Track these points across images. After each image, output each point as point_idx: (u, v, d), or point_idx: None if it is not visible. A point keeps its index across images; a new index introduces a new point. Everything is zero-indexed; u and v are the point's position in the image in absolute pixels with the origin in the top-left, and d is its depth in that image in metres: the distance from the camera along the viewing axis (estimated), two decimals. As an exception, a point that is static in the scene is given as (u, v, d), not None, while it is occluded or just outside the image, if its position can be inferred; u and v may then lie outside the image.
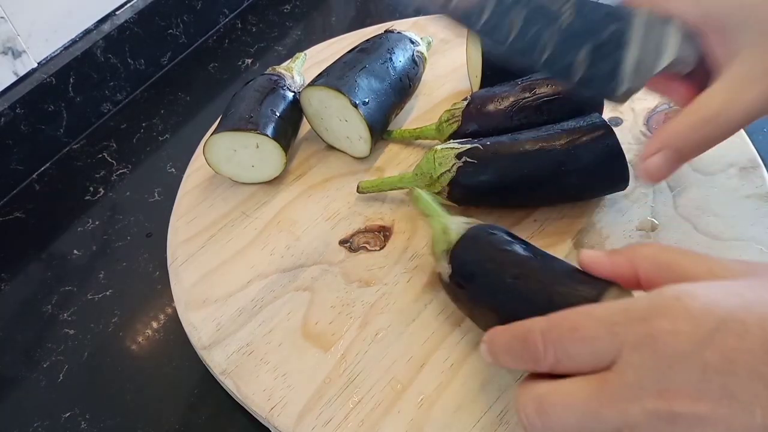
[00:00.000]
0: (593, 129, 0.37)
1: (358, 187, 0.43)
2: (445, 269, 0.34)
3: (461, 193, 0.39)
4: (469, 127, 0.42)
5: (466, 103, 0.43)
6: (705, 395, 0.21)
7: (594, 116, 0.38)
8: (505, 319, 0.28)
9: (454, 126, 0.43)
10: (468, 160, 0.38)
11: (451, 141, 0.41)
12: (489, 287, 0.32)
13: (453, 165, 0.39)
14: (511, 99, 0.42)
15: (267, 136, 0.42)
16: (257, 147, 0.43)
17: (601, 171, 0.38)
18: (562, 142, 0.37)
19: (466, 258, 0.33)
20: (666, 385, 0.21)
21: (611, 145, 0.37)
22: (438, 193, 0.40)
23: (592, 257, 0.28)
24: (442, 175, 0.39)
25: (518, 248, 0.32)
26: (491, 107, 0.42)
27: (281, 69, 0.48)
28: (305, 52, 0.52)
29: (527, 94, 0.41)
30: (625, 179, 0.38)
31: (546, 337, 0.24)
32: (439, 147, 0.40)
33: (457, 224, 0.35)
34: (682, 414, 0.21)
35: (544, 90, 0.41)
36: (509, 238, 0.33)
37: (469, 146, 0.39)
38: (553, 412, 0.23)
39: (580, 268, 0.30)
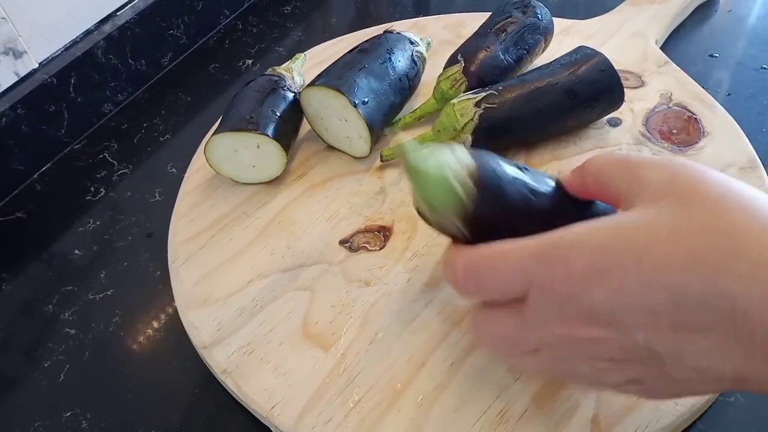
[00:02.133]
0: (589, 58, 0.43)
1: (381, 157, 0.45)
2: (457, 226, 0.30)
3: (485, 138, 0.42)
4: (478, 81, 0.45)
5: (460, 66, 0.46)
6: (596, 323, 0.25)
7: (584, 48, 0.44)
8: None
9: (462, 87, 0.46)
10: (488, 105, 0.42)
11: (463, 94, 0.44)
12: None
13: (474, 113, 0.42)
14: (495, 41, 0.47)
15: (268, 136, 0.42)
16: (258, 147, 0.43)
17: (603, 91, 0.43)
18: (566, 73, 0.43)
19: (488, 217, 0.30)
20: (565, 314, 0.26)
21: (607, 68, 0.43)
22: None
23: (567, 181, 0.31)
24: (465, 125, 0.42)
25: (528, 193, 0.30)
26: (483, 55, 0.46)
27: (281, 69, 0.48)
28: (305, 52, 0.52)
29: (504, 31, 0.47)
30: (622, 94, 0.43)
31: (467, 272, 0.28)
32: (455, 101, 0.43)
33: (456, 168, 0.30)
34: (580, 336, 0.26)
35: (510, 20, 0.48)
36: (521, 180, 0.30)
37: (484, 94, 0.43)
38: (486, 335, 0.29)
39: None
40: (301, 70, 0.50)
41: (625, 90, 0.43)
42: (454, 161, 0.29)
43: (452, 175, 0.28)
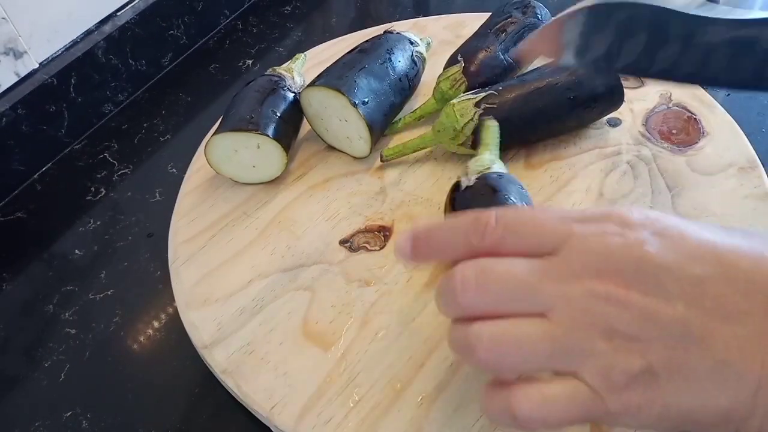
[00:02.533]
0: None
1: (381, 157, 0.45)
2: (469, 182, 0.37)
3: None
4: (478, 81, 0.45)
5: (459, 67, 0.46)
6: (636, 283, 0.23)
7: None
8: None
9: (462, 88, 0.46)
10: (488, 106, 0.42)
11: (463, 94, 0.44)
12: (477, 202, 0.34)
13: (474, 113, 0.42)
14: (495, 41, 0.46)
15: (268, 136, 0.42)
16: (258, 147, 0.43)
17: (602, 91, 0.43)
18: (565, 74, 0.43)
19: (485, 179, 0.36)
20: (606, 269, 0.23)
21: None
22: (461, 144, 0.43)
23: None
24: (465, 125, 0.42)
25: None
26: (483, 55, 0.46)
27: (281, 70, 0.48)
28: (305, 53, 0.52)
29: (503, 31, 0.47)
30: (621, 95, 0.43)
31: (500, 219, 0.25)
32: (455, 101, 0.43)
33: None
34: (615, 296, 0.23)
35: (510, 20, 0.48)
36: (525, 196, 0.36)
37: (484, 94, 0.43)
38: (493, 277, 0.24)
39: None
40: (301, 70, 0.50)
41: (625, 90, 0.43)
42: None
43: None
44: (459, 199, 0.37)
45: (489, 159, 0.38)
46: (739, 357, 0.22)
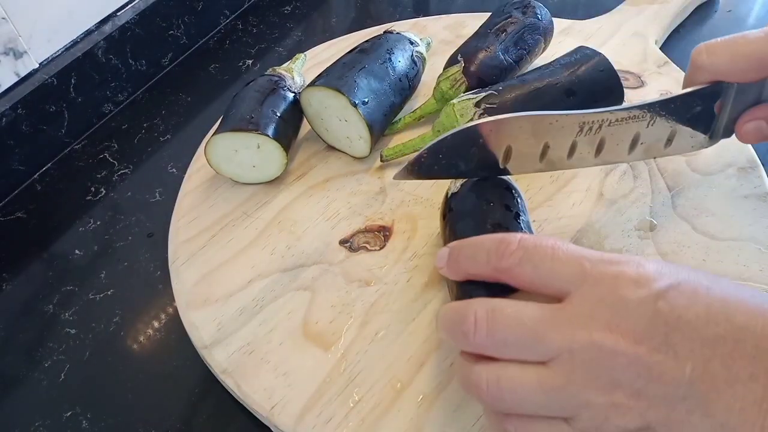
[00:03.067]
0: (588, 58, 0.43)
1: (381, 157, 0.45)
2: (454, 188, 0.37)
3: None
4: (477, 81, 0.46)
5: (459, 67, 0.46)
6: (647, 340, 0.23)
7: (584, 48, 0.44)
8: None
9: (462, 88, 0.46)
10: (488, 106, 0.42)
11: (463, 94, 0.44)
12: (469, 222, 0.34)
13: (474, 113, 0.42)
14: (495, 41, 0.47)
15: (268, 136, 0.42)
16: (258, 147, 0.43)
17: (603, 91, 0.43)
18: (566, 74, 0.42)
19: (468, 193, 0.36)
20: (617, 321, 0.23)
21: (607, 68, 0.42)
22: None
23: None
24: None
25: (516, 213, 0.34)
26: (483, 55, 0.46)
27: (281, 70, 0.48)
28: (305, 53, 0.52)
29: (503, 31, 0.47)
30: (621, 95, 0.43)
31: (522, 243, 0.27)
32: (455, 101, 0.43)
33: None
34: (623, 351, 0.23)
35: (510, 20, 0.48)
36: (517, 200, 0.35)
37: (484, 94, 0.43)
38: (503, 323, 0.25)
39: None
40: (301, 70, 0.50)
41: (625, 90, 0.43)
42: None
43: None
44: (448, 205, 0.37)
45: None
46: (739, 421, 0.22)
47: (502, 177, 0.36)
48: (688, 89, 0.34)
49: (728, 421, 0.22)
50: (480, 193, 0.35)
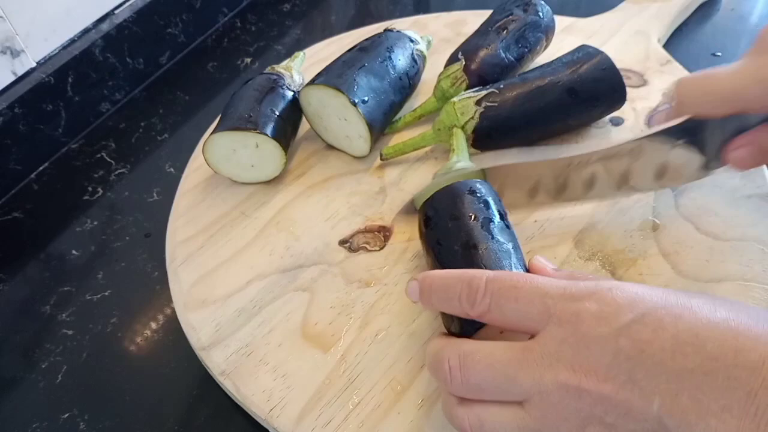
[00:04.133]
0: (590, 56, 0.43)
1: (381, 155, 0.45)
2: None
3: (486, 136, 0.42)
4: (478, 79, 0.45)
5: (460, 65, 0.45)
6: (611, 378, 0.23)
7: (586, 46, 0.44)
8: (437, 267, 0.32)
9: (463, 86, 0.45)
10: (488, 104, 0.42)
11: (464, 92, 0.44)
12: (439, 239, 0.34)
13: (475, 112, 0.42)
14: (496, 39, 0.46)
15: (266, 135, 0.42)
16: (257, 146, 0.43)
17: (605, 90, 0.43)
18: (568, 72, 0.42)
19: (438, 204, 0.35)
20: (579, 361, 0.24)
21: (609, 66, 0.42)
22: None
23: (538, 265, 0.31)
24: (466, 123, 0.42)
25: (483, 219, 0.33)
26: (484, 53, 0.46)
27: (280, 68, 0.48)
28: (304, 51, 0.52)
29: (505, 29, 0.47)
30: (624, 93, 0.43)
31: (489, 286, 0.27)
32: (456, 99, 0.43)
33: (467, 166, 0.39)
34: (588, 390, 0.23)
35: (512, 18, 0.47)
36: (483, 205, 0.34)
37: (485, 92, 0.42)
38: (474, 369, 0.26)
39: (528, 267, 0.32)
40: (299, 68, 0.50)
41: (627, 89, 0.43)
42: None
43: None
44: (424, 222, 0.36)
45: (449, 164, 0.39)
46: None
47: (467, 180, 0.35)
48: (669, 124, 0.34)
49: None
50: (447, 207, 0.34)
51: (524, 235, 0.39)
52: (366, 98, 0.43)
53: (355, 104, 0.42)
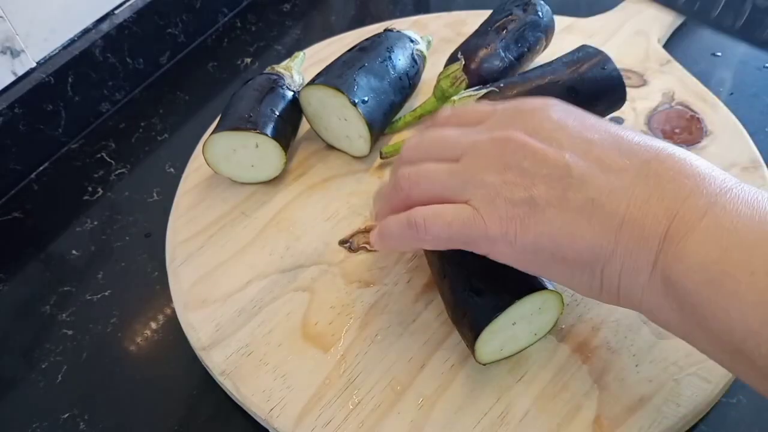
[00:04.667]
0: (590, 56, 0.43)
1: (381, 154, 0.45)
2: None
3: None
4: (478, 79, 0.45)
5: (460, 64, 0.46)
6: (535, 134, 0.29)
7: (586, 46, 0.44)
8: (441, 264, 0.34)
9: (463, 85, 0.46)
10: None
11: (464, 91, 0.44)
12: None
13: None
14: (496, 39, 0.46)
15: (267, 135, 0.42)
16: (257, 146, 0.43)
17: (605, 90, 0.43)
18: (568, 71, 0.43)
19: None
20: (513, 123, 0.30)
21: (609, 66, 0.43)
22: None
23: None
24: None
25: None
26: (483, 53, 0.46)
27: (280, 68, 0.48)
28: (304, 51, 0.52)
29: (504, 29, 0.47)
30: (624, 93, 0.43)
31: (401, 174, 0.33)
32: (456, 98, 0.43)
33: None
34: (514, 140, 0.29)
35: (511, 18, 0.47)
36: None
37: (485, 91, 0.43)
38: (427, 137, 0.33)
39: None
40: (299, 68, 0.50)
41: (628, 89, 0.43)
42: None
43: None
44: None
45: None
46: (607, 199, 0.26)
47: None
48: None
49: (597, 197, 0.27)
50: None
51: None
52: (366, 98, 0.43)
53: (354, 104, 0.42)
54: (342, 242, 0.41)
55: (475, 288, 0.32)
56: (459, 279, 0.33)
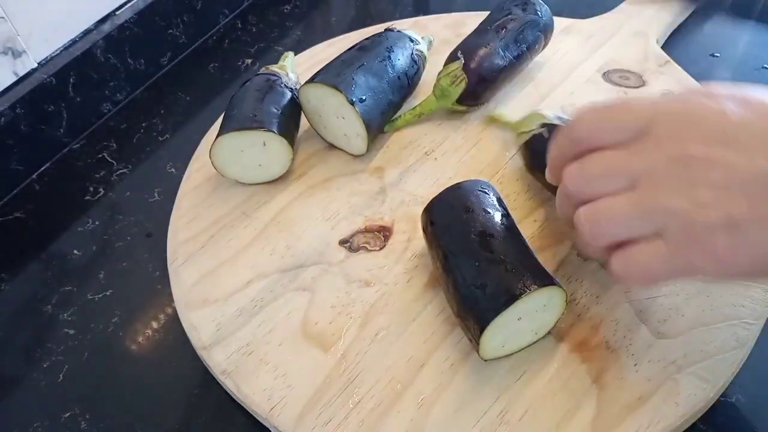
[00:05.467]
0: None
1: (492, 119, 0.47)
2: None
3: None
4: (477, 78, 0.46)
5: (459, 63, 0.46)
6: (718, 142, 0.25)
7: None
8: (447, 261, 0.34)
9: (462, 84, 0.46)
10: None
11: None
12: (453, 230, 0.35)
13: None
14: (495, 38, 0.47)
15: (274, 132, 0.42)
16: (264, 145, 0.43)
17: None
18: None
19: (445, 205, 0.36)
20: (687, 136, 0.26)
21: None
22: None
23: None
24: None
25: (498, 214, 0.35)
26: (483, 52, 0.46)
27: (275, 68, 0.48)
28: (292, 51, 0.52)
29: (504, 28, 0.47)
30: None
31: (597, 108, 0.30)
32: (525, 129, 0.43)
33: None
34: (695, 156, 0.25)
35: (510, 17, 0.48)
36: (495, 202, 0.36)
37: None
38: (592, 165, 0.29)
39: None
40: (292, 67, 0.50)
41: (627, 90, 0.43)
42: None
43: None
44: (429, 219, 0.37)
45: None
46: None
47: (475, 180, 0.37)
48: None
49: None
50: (456, 201, 0.36)
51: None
52: (364, 97, 0.43)
53: (352, 103, 0.42)
54: (342, 242, 0.41)
55: (482, 283, 0.32)
56: (465, 274, 0.33)
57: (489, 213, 0.35)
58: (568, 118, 0.37)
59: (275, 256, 0.41)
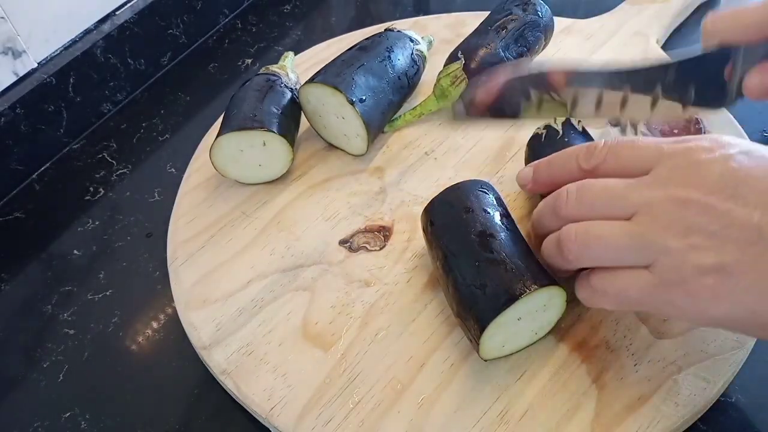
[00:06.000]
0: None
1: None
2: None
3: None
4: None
5: (460, 63, 0.46)
6: (717, 191, 0.26)
7: None
8: (446, 260, 0.34)
9: (463, 85, 0.46)
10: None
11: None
12: (453, 230, 0.35)
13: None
14: (496, 38, 0.47)
15: (273, 132, 0.42)
16: (264, 145, 0.43)
17: None
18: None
19: (445, 203, 0.36)
20: (689, 180, 0.27)
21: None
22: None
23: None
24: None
25: (497, 214, 0.35)
26: (483, 52, 0.46)
27: (275, 68, 0.48)
28: (292, 51, 0.52)
29: (504, 28, 0.47)
30: None
31: (606, 142, 0.31)
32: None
33: None
34: (694, 201, 0.26)
35: (511, 17, 0.48)
36: (495, 202, 0.36)
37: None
38: (589, 191, 0.30)
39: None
40: (292, 67, 0.50)
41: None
42: None
43: None
44: (429, 219, 0.37)
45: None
46: None
47: (475, 180, 0.37)
48: (700, 52, 0.34)
49: None
50: (456, 201, 0.36)
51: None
52: (364, 97, 0.43)
53: (352, 103, 0.42)
54: (342, 242, 0.41)
55: (482, 283, 0.32)
56: (465, 274, 0.33)
57: (489, 213, 0.35)
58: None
59: (275, 256, 0.41)
